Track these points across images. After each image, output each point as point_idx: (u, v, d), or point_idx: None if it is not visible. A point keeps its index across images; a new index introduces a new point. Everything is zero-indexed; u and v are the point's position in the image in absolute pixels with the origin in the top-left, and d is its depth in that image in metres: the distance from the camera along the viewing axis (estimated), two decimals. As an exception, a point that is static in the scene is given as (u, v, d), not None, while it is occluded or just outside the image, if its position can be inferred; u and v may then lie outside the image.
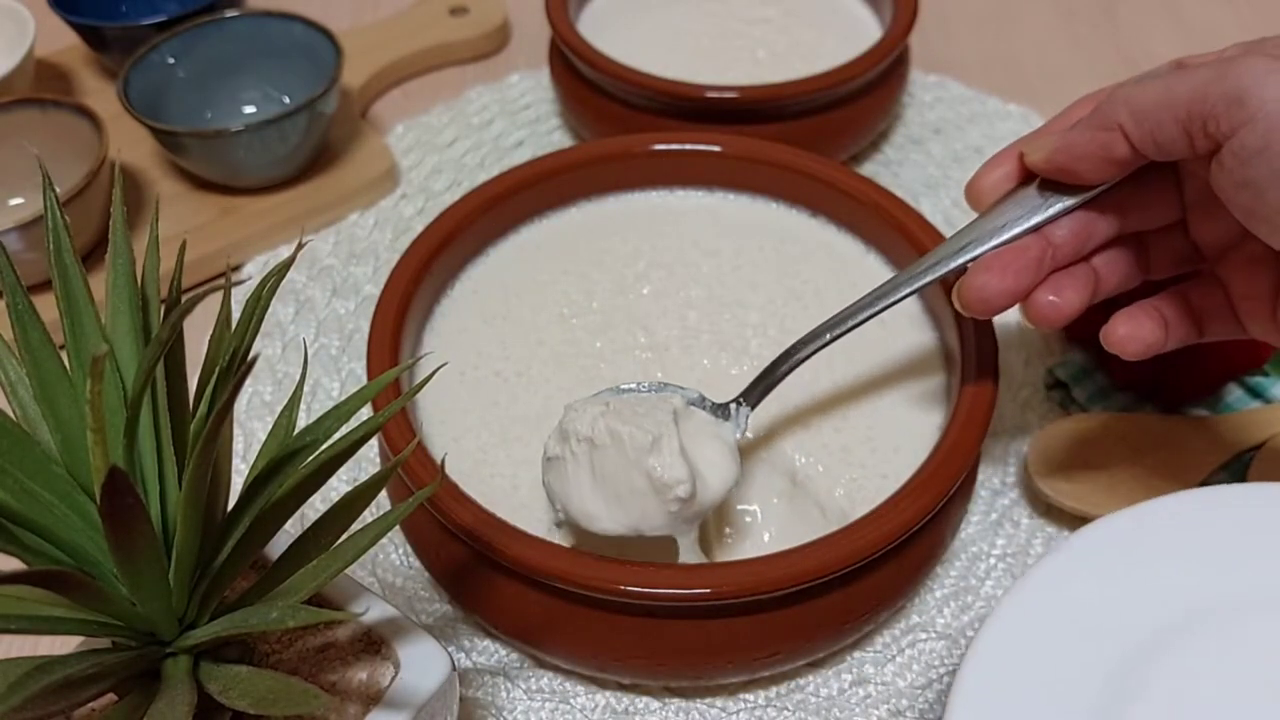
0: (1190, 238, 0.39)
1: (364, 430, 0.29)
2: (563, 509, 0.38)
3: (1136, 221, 0.38)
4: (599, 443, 0.37)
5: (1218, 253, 0.38)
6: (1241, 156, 0.31)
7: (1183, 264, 0.40)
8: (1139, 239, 0.39)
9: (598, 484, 0.37)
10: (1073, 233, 0.37)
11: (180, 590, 0.27)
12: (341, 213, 0.62)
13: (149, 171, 0.63)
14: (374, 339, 0.43)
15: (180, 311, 0.24)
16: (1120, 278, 0.39)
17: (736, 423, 0.40)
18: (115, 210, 0.30)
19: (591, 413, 0.37)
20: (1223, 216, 0.35)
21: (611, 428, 0.36)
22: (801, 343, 0.40)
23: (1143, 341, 0.38)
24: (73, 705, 0.27)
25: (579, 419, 0.37)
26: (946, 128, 0.67)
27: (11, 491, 0.26)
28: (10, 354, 0.29)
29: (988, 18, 0.76)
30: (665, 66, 0.59)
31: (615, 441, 0.36)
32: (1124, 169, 0.36)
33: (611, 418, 0.37)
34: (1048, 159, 0.36)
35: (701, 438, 0.38)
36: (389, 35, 0.72)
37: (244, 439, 0.52)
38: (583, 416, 0.37)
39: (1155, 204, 0.38)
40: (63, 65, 0.71)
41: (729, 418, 0.40)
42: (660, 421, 0.37)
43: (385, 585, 0.46)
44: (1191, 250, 0.39)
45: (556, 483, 0.38)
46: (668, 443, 0.36)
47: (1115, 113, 0.34)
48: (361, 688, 0.31)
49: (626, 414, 0.37)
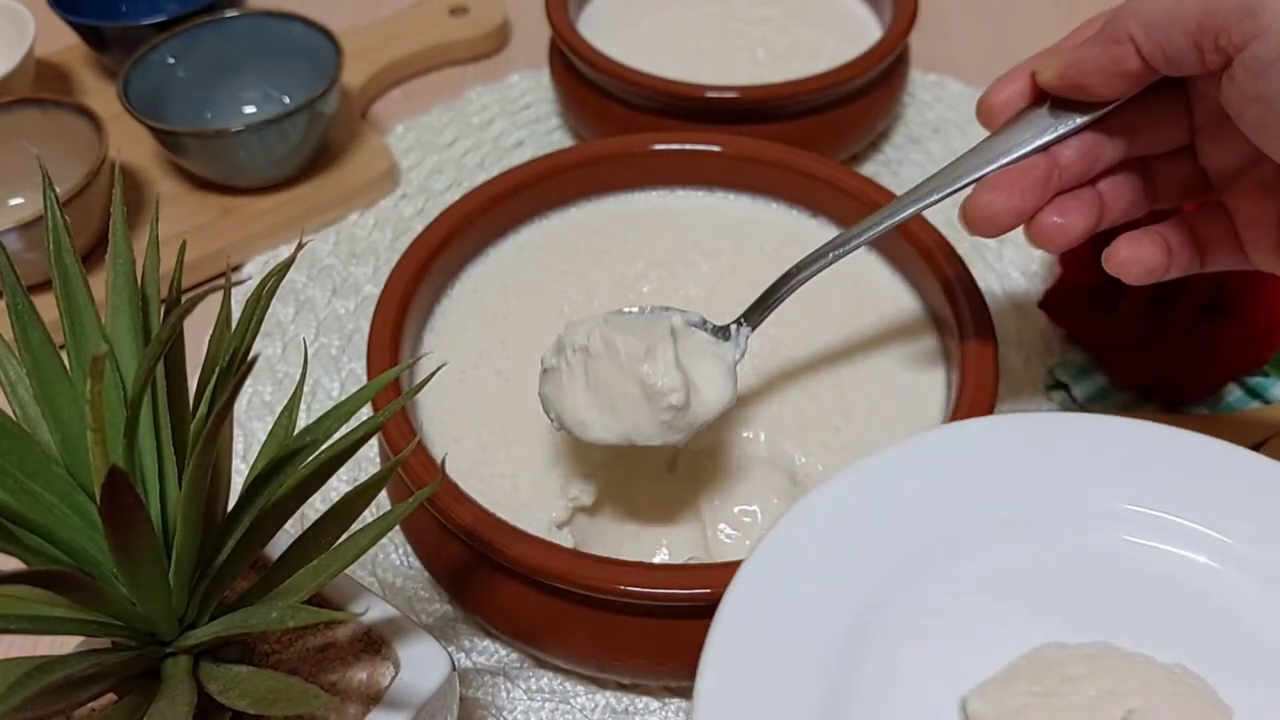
0: (1198, 163, 0.38)
1: (364, 430, 0.29)
2: (557, 418, 0.39)
3: (1144, 145, 0.38)
4: (594, 352, 0.37)
5: (1225, 179, 0.38)
6: (1253, 69, 0.31)
7: (1189, 192, 0.39)
8: (1145, 166, 0.38)
9: (592, 392, 0.37)
10: (1080, 154, 0.37)
11: (180, 590, 0.27)
12: (341, 213, 0.62)
13: (149, 171, 0.63)
14: (374, 339, 0.43)
15: (180, 311, 0.24)
16: (1125, 205, 0.38)
17: (736, 343, 0.40)
18: (115, 210, 0.30)
19: (589, 324, 0.38)
20: (1232, 139, 0.35)
21: (607, 337, 0.37)
22: (805, 262, 0.40)
23: (1144, 265, 0.37)
24: (73, 705, 0.27)
25: (576, 330, 0.38)
26: (946, 127, 0.67)
27: (11, 491, 0.26)
28: (10, 354, 0.29)
29: (987, 17, 0.76)
30: (665, 66, 0.59)
31: (610, 350, 0.37)
32: (1135, 84, 0.35)
33: (608, 328, 0.37)
34: (1059, 74, 0.36)
35: (700, 355, 0.38)
36: (389, 35, 0.72)
37: (244, 439, 0.52)
38: (580, 328, 0.38)
39: (1164, 126, 0.38)
40: (63, 65, 0.71)
41: (729, 339, 0.40)
42: (656, 334, 0.37)
43: (385, 585, 0.46)
44: (1198, 177, 0.38)
45: (551, 392, 0.39)
46: (662, 352, 0.37)
47: (1125, 25, 0.34)
48: (361, 688, 0.31)
49: (623, 325, 0.38)
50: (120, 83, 0.59)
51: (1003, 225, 0.37)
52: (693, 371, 0.37)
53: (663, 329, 0.38)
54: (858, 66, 0.58)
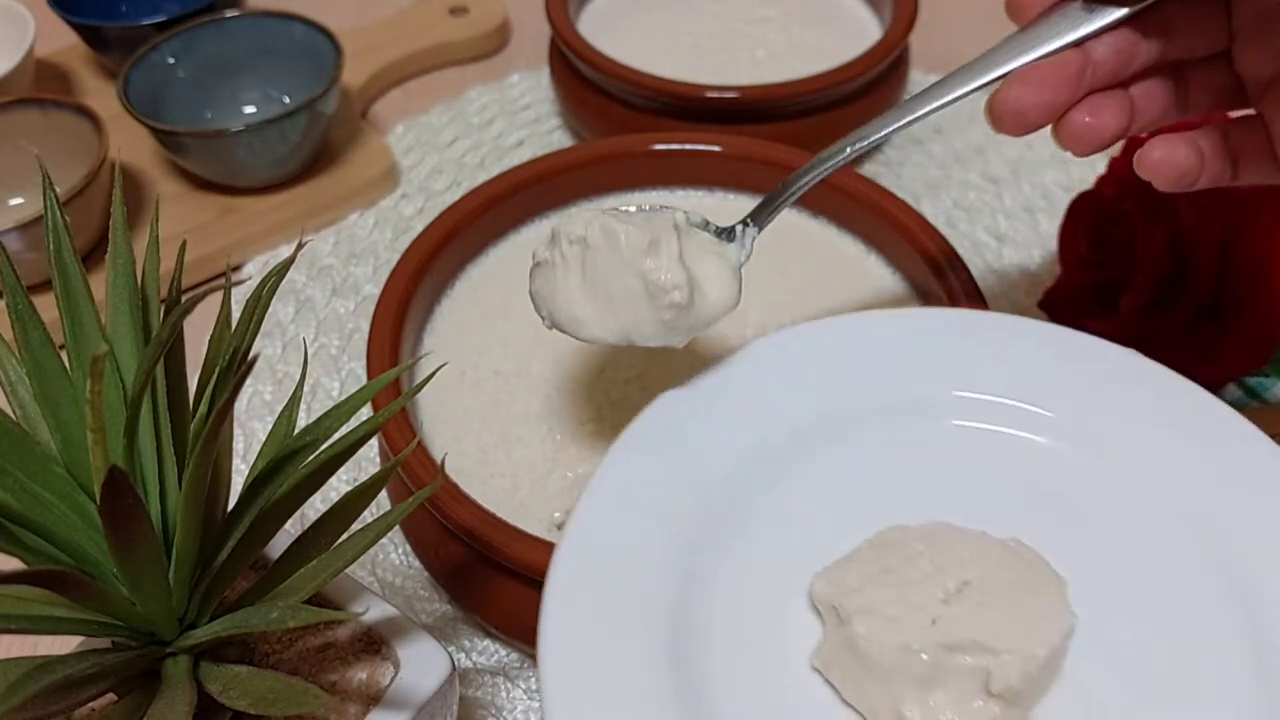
0: (1234, 70, 0.37)
1: (364, 430, 0.29)
2: (549, 316, 0.36)
3: (1180, 47, 0.36)
4: (593, 243, 0.35)
5: (1262, 87, 0.36)
6: None
7: (1223, 101, 0.38)
8: (1179, 72, 0.37)
9: (588, 287, 0.35)
10: (1115, 50, 0.35)
11: (180, 590, 0.27)
12: (341, 213, 0.62)
13: (149, 171, 0.63)
14: (374, 339, 0.43)
15: (180, 311, 0.24)
16: (1157, 111, 0.37)
17: (741, 245, 0.38)
18: (115, 210, 0.30)
19: (586, 216, 0.36)
20: (1271, 44, 0.34)
21: (607, 227, 0.35)
22: (819, 160, 0.38)
23: (1177, 167, 0.35)
24: (73, 705, 0.27)
25: (573, 221, 0.36)
26: (947, 128, 0.67)
27: (11, 491, 0.26)
28: (10, 354, 0.29)
29: (987, 18, 0.76)
30: (665, 66, 0.59)
31: (610, 241, 0.35)
32: None
33: (608, 218, 0.35)
34: None
35: (703, 254, 0.36)
36: (389, 35, 0.72)
37: (244, 439, 0.52)
38: (577, 219, 0.36)
39: (1202, 28, 0.36)
40: (63, 65, 0.71)
41: (734, 240, 0.38)
42: (660, 226, 0.35)
43: (385, 585, 0.46)
44: (1233, 85, 0.37)
45: (544, 287, 0.36)
46: (666, 246, 0.35)
47: None
48: (361, 688, 0.31)
49: (624, 219, 0.35)
50: (120, 83, 0.59)
51: (1031, 122, 0.35)
52: (696, 270, 0.35)
53: (665, 224, 0.36)
54: (858, 66, 0.58)
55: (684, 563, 0.32)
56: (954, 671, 0.30)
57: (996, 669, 0.30)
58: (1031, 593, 0.31)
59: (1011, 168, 0.65)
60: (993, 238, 0.61)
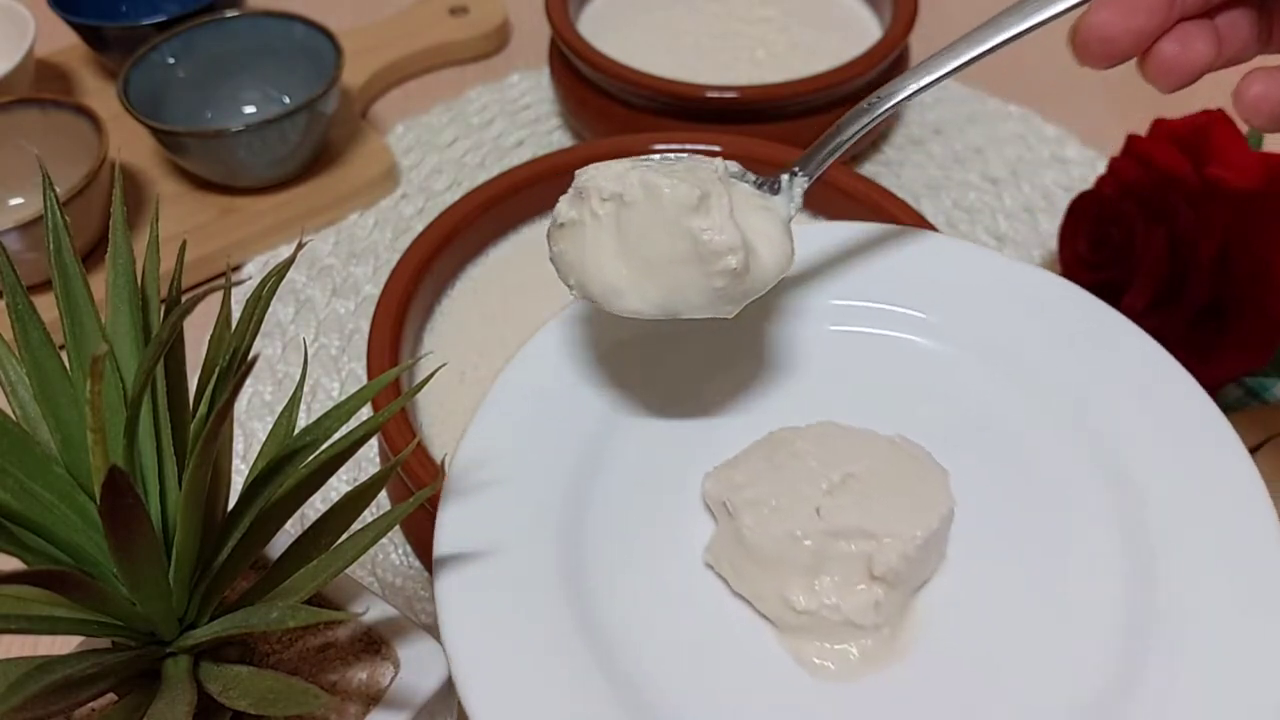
0: None
1: (364, 430, 0.29)
2: (577, 285, 0.32)
3: None
4: (630, 200, 0.30)
5: None
6: None
7: None
8: (1264, 6, 0.35)
9: (625, 250, 0.31)
10: None
11: (180, 590, 0.27)
12: (341, 213, 0.62)
13: (149, 171, 0.63)
14: (374, 339, 0.43)
15: (180, 311, 0.24)
16: (1240, 45, 0.35)
17: (789, 196, 0.34)
18: (115, 210, 0.30)
19: (618, 168, 0.31)
20: None
21: (647, 181, 0.30)
22: (879, 97, 0.35)
23: (1276, 101, 0.33)
24: (73, 705, 0.27)
25: (601, 173, 0.31)
26: (947, 128, 0.67)
27: (11, 491, 0.26)
28: (10, 354, 0.29)
29: (987, 18, 0.76)
30: (665, 66, 0.59)
31: (651, 197, 0.30)
32: None
33: (646, 171, 0.31)
34: None
35: (748, 209, 0.32)
36: (389, 35, 0.72)
37: (244, 439, 0.52)
38: (605, 170, 0.31)
39: None
40: (63, 65, 0.71)
41: (779, 192, 0.34)
42: (705, 179, 0.31)
43: (385, 585, 0.46)
44: None
45: (571, 251, 0.32)
46: (717, 201, 0.30)
47: None
48: (361, 688, 0.31)
49: (663, 169, 0.31)
50: (120, 83, 0.59)
51: (1120, 50, 0.32)
52: (745, 228, 0.31)
53: (709, 175, 0.31)
54: (858, 66, 0.58)
55: (574, 474, 0.34)
56: (837, 557, 0.31)
57: (877, 553, 0.31)
58: (914, 483, 0.32)
59: (1011, 168, 0.65)
60: (993, 238, 0.61)
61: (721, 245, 0.30)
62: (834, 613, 0.31)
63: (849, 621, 0.31)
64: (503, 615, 0.30)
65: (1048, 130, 0.67)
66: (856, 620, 0.31)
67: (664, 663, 0.30)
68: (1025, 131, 0.67)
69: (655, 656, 0.31)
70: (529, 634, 0.30)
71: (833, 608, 0.31)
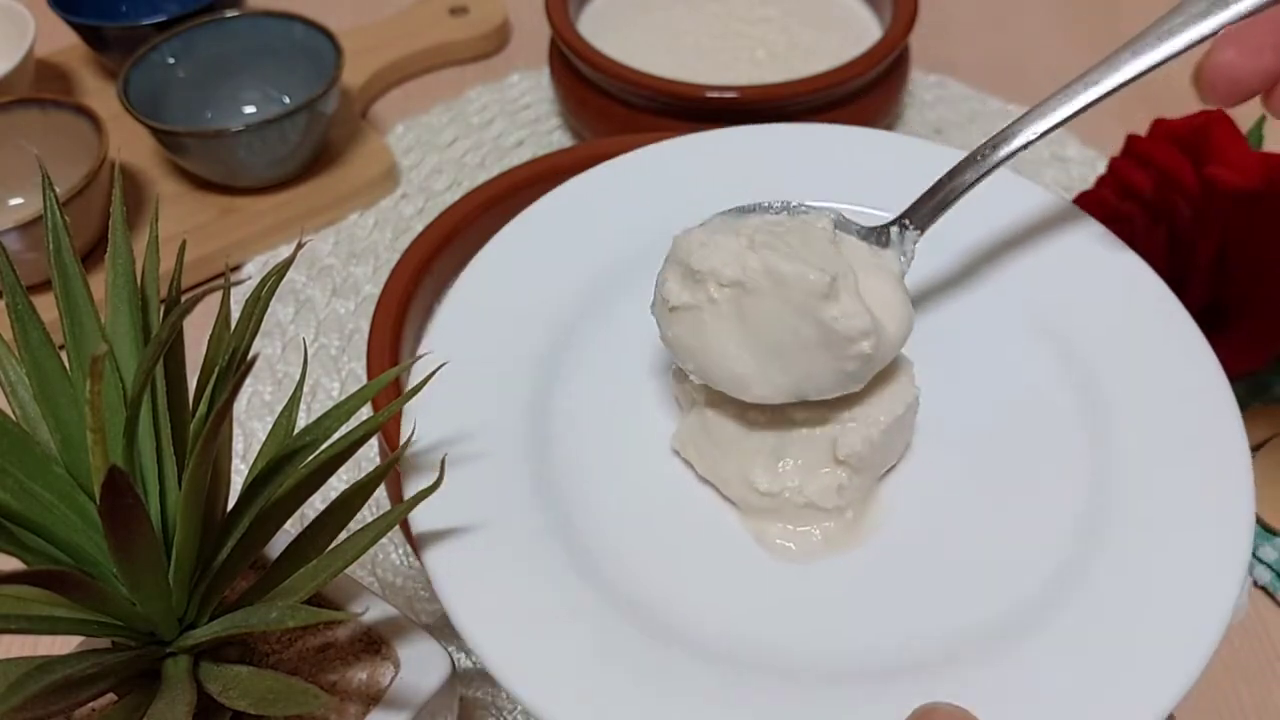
0: None
1: (364, 430, 0.29)
2: (698, 371, 0.32)
3: None
4: (751, 286, 0.30)
5: None
6: None
7: None
8: None
9: (749, 338, 0.30)
10: None
11: (180, 590, 0.27)
12: (341, 213, 0.62)
13: (149, 171, 0.63)
14: (374, 339, 0.43)
15: (180, 311, 0.24)
16: None
17: (901, 251, 0.33)
18: (115, 210, 0.30)
19: (733, 247, 0.30)
20: None
21: (770, 267, 0.29)
22: (992, 146, 0.34)
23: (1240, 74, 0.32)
24: (73, 705, 0.27)
25: (715, 255, 0.30)
26: (947, 128, 0.67)
27: (11, 491, 0.26)
28: (10, 354, 0.29)
29: (988, 18, 0.76)
30: (665, 66, 0.59)
31: (776, 284, 0.29)
32: None
33: (766, 252, 0.30)
34: None
35: (865, 269, 0.31)
36: (389, 35, 0.72)
37: (244, 439, 0.52)
38: (720, 252, 0.30)
39: None
40: (63, 65, 0.71)
41: (889, 245, 0.34)
42: (827, 255, 0.30)
43: (385, 585, 0.46)
44: None
45: (689, 337, 0.31)
46: (845, 284, 0.29)
47: None
48: (361, 688, 0.31)
49: (781, 248, 0.30)
50: (120, 83, 0.59)
51: (1246, 90, 0.31)
52: (868, 300, 0.30)
53: (825, 244, 0.30)
54: (858, 66, 0.58)
55: (544, 362, 0.35)
56: (801, 440, 0.32)
57: (842, 436, 0.31)
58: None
59: (1011, 167, 0.65)
60: (993, 238, 0.61)
61: (855, 332, 0.29)
62: (797, 495, 0.32)
63: (811, 504, 0.32)
64: (471, 502, 0.31)
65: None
66: (819, 503, 0.32)
67: (630, 544, 0.32)
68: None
69: (621, 538, 0.32)
70: (498, 518, 0.31)
71: (796, 489, 0.32)
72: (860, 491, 0.32)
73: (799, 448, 0.32)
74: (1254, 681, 0.42)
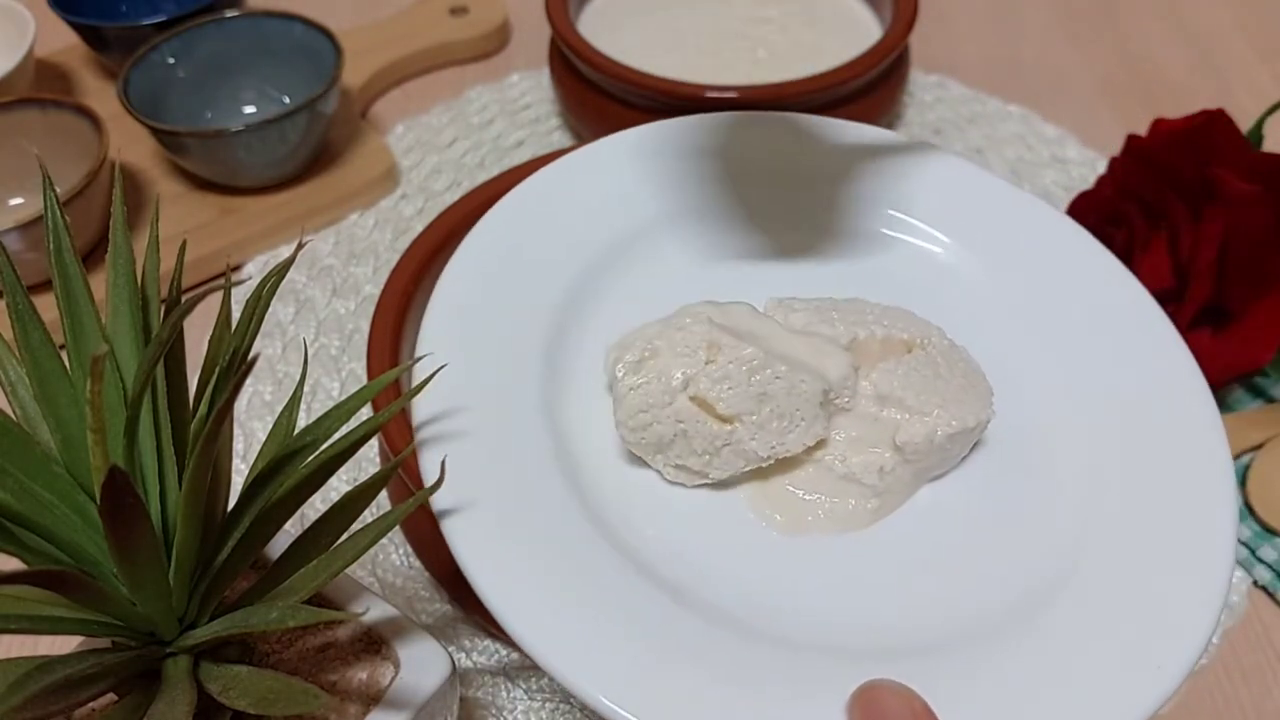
0: None
1: (364, 430, 0.29)
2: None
3: None
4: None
5: None
6: None
7: None
8: None
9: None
10: None
11: (180, 590, 0.27)
12: (341, 213, 0.62)
13: (149, 171, 0.63)
14: (374, 339, 0.43)
15: (180, 311, 0.24)
16: None
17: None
18: (115, 210, 0.30)
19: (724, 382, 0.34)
20: None
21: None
22: None
23: None
24: (73, 705, 0.27)
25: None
26: (947, 128, 0.67)
27: (11, 491, 0.26)
28: (10, 354, 0.29)
29: (988, 18, 0.76)
30: (665, 66, 0.59)
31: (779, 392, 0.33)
32: None
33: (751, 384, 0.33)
34: None
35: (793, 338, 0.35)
36: (389, 35, 0.72)
37: (244, 439, 0.52)
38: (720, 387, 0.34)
39: None
40: (63, 65, 0.71)
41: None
42: (787, 400, 0.34)
43: (385, 585, 0.46)
44: None
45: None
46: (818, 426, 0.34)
47: None
48: (362, 688, 0.31)
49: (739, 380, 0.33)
50: (120, 83, 0.59)
51: None
52: (809, 361, 0.34)
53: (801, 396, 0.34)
54: (858, 66, 0.58)
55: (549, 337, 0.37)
56: (860, 418, 0.34)
57: (907, 424, 0.34)
58: (967, 384, 0.35)
59: (1011, 168, 0.65)
60: (993, 238, 0.61)
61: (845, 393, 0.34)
62: (839, 463, 0.34)
63: (852, 475, 0.34)
64: (491, 486, 0.32)
65: (1048, 130, 0.67)
66: (861, 477, 0.34)
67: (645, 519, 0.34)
68: (1025, 131, 0.67)
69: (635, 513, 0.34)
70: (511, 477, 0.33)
71: (840, 457, 0.34)
72: (900, 483, 0.34)
73: (854, 423, 0.34)
74: (1254, 681, 0.43)
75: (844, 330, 0.35)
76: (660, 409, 0.33)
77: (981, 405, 0.35)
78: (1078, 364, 0.38)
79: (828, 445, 0.34)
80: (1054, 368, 0.38)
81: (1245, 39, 0.73)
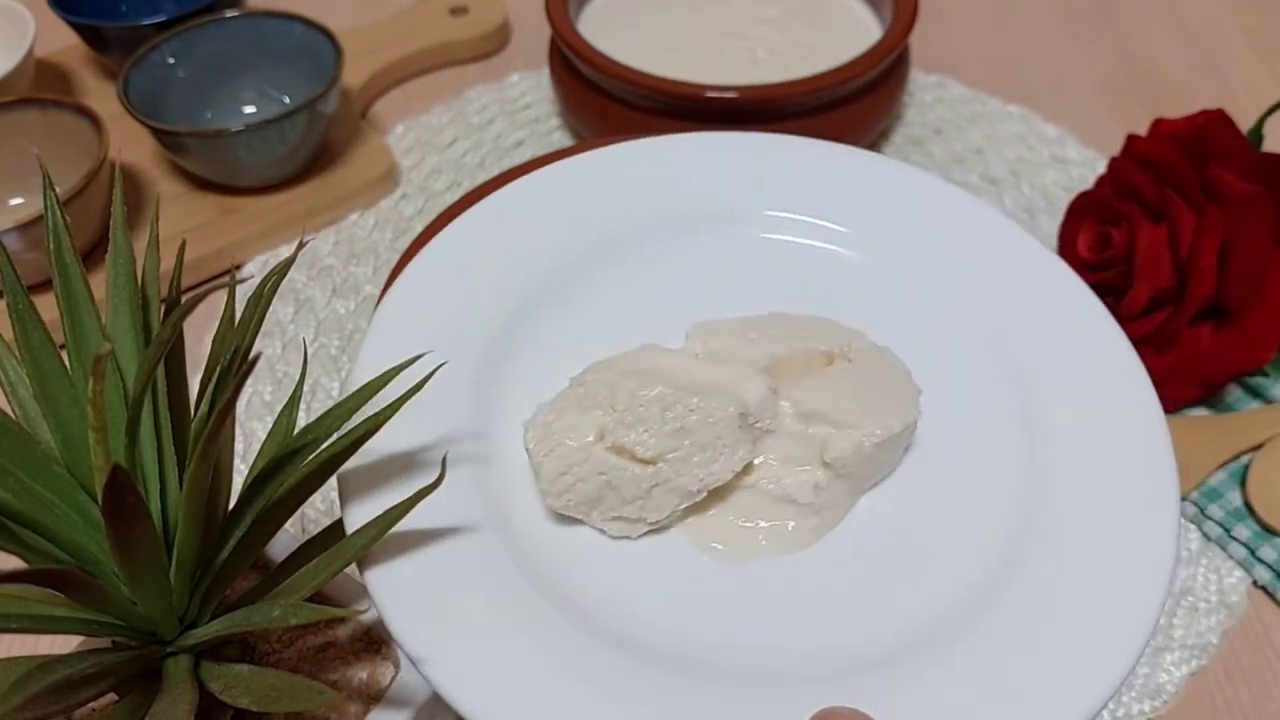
0: None
1: (364, 430, 0.29)
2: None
3: None
4: None
5: None
6: None
7: None
8: None
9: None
10: None
11: (181, 589, 0.27)
12: (341, 213, 0.63)
13: (149, 171, 0.63)
14: (374, 339, 0.43)
15: (181, 311, 0.24)
16: None
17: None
18: (115, 210, 0.30)
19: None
20: None
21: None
22: None
23: None
24: (73, 705, 0.27)
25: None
26: (947, 128, 0.67)
27: (12, 491, 0.26)
28: (10, 354, 0.29)
29: (988, 18, 0.76)
30: (665, 66, 0.59)
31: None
32: None
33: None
34: None
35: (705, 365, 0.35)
36: (389, 35, 0.72)
37: (244, 439, 0.52)
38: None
39: None
40: (63, 65, 0.71)
41: None
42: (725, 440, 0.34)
43: (385, 585, 0.46)
44: None
45: None
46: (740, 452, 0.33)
47: None
48: (362, 687, 0.31)
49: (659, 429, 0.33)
50: (120, 83, 0.59)
51: None
52: (724, 388, 0.34)
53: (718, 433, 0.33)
54: (858, 66, 0.58)
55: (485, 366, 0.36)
56: (787, 437, 0.34)
57: (834, 440, 0.33)
58: (888, 390, 0.35)
59: (1011, 169, 0.65)
60: (993, 238, 0.61)
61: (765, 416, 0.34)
62: (773, 485, 0.33)
63: (788, 497, 0.33)
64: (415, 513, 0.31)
65: (1048, 130, 0.67)
66: (796, 497, 0.33)
67: (569, 544, 0.33)
68: (1025, 132, 0.67)
69: (561, 540, 0.33)
70: (436, 524, 0.31)
71: (773, 479, 0.33)
72: (836, 497, 0.33)
73: (782, 444, 0.34)
74: (1254, 681, 0.43)
75: (763, 350, 0.35)
76: (580, 466, 0.32)
77: (907, 407, 0.34)
78: (1006, 353, 0.37)
79: (760, 469, 0.34)
80: (982, 359, 0.38)
81: (1245, 39, 0.73)
